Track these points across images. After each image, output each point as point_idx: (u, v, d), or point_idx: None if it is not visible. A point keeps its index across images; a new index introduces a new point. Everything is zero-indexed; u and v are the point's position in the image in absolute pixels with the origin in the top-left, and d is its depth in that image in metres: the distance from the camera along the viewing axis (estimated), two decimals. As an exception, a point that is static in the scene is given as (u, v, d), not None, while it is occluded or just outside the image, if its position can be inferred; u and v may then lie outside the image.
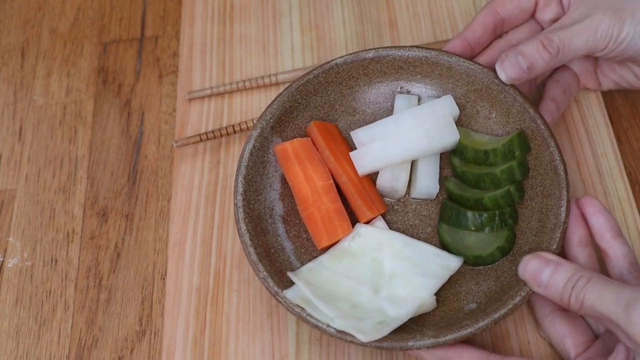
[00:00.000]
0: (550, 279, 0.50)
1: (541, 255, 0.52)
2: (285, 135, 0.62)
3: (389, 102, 0.64)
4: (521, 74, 0.58)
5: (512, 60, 0.57)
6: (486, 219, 0.57)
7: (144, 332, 0.61)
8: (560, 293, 0.50)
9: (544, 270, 0.51)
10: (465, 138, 0.61)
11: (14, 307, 0.63)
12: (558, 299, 0.50)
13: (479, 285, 0.57)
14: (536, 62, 0.57)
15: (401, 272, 0.56)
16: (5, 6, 0.79)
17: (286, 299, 0.54)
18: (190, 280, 0.62)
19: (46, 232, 0.66)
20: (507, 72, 0.58)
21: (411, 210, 0.61)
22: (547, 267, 0.51)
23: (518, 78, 0.58)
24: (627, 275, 0.53)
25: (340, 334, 0.52)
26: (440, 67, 0.62)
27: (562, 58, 0.58)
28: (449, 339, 0.52)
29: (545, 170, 0.58)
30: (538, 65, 0.57)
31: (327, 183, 0.59)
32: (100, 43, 0.76)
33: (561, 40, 0.57)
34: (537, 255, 0.52)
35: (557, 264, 0.51)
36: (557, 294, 0.50)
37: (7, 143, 0.71)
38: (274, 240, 0.58)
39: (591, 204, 0.56)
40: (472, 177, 0.59)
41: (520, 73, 0.57)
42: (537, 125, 0.58)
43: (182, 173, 0.67)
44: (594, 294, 0.48)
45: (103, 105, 0.72)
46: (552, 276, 0.50)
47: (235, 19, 0.75)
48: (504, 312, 0.52)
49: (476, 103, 0.62)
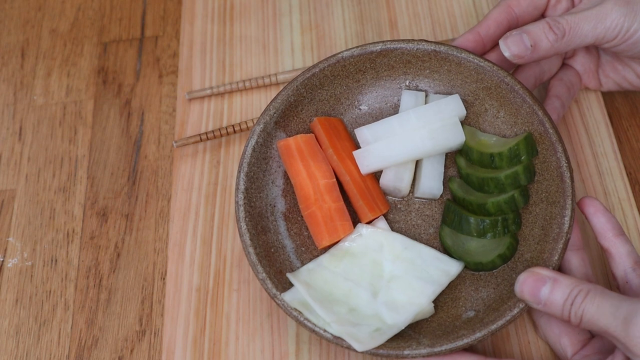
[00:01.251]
0: (549, 296, 0.50)
1: (536, 272, 0.51)
2: (290, 130, 0.61)
3: (396, 96, 0.63)
4: (524, 52, 0.57)
5: (516, 38, 0.57)
6: (489, 225, 0.57)
7: (144, 332, 0.61)
8: (560, 310, 0.49)
9: (541, 289, 0.50)
10: (471, 139, 0.60)
11: (14, 307, 0.63)
12: (559, 315, 0.50)
13: (478, 292, 0.56)
14: (541, 42, 0.57)
15: (400, 275, 0.56)
16: (5, 6, 0.79)
17: (284, 302, 0.53)
18: (190, 281, 0.62)
19: (46, 232, 0.66)
20: (511, 49, 0.57)
21: (414, 209, 0.61)
22: (544, 285, 0.50)
23: (521, 55, 0.57)
24: (631, 274, 0.53)
25: (337, 339, 0.52)
26: (450, 62, 0.61)
27: (567, 42, 0.57)
28: (445, 349, 0.51)
29: (551, 176, 0.57)
30: (542, 45, 0.57)
31: (330, 182, 0.59)
32: (100, 43, 0.76)
33: (568, 23, 0.57)
34: (533, 273, 0.51)
35: (554, 281, 0.50)
36: (558, 311, 0.49)
37: (7, 143, 0.71)
38: (274, 238, 0.58)
39: (591, 205, 0.56)
40: (477, 181, 0.59)
41: (524, 50, 0.57)
42: (546, 128, 0.57)
43: (182, 173, 0.67)
44: (592, 307, 0.48)
45: (103, 105, 0.72)
46: (550, 294, 0.50)
47: (235, 18, 0.75)
48: (502, 323, 0.52)
49: (484, 101, 0.61)
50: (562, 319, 0.50)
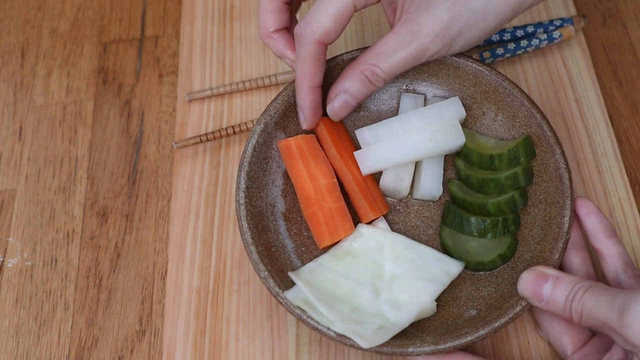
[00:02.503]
0: (552, 294, 0.50)
1: (539, 270, 0.51)
2: (289, 130, 0.61)
3: (394, 99, 0.64)
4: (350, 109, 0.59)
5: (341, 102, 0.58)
6: (489, 225, 0.57)
7: (144, 332, 0.61)
8: (562, 307, 0.49)
9: (544, 286, 0.50)
10: (470, 141, 0.60)
11: (14, 307, 0.63)
12: (561, 312, 0.50)
13: (479, 291, 0.56)
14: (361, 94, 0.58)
15: (401, 275, 0.56)
16: (5, 6, 0.79)
17: (287, 300, 0.53)
18: (190, 282, 0.62)
19: (46, 232, 0.66)
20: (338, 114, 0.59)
21: (413, 211, 0.61)
22: (546, 283, 0.50)
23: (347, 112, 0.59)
24: (622, 275, 0.53)
25: (341, 337, 0.52)
26: (448, 66, 0.61)
27: None
28: (449, 346, 0.52)
29: (550, 177, 0.57)
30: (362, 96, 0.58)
31: (331, 182, 0.59)
32: (100, 43, 0.76)
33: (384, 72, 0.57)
34: (535, 271, 0.51)
35: (556, 278, 0.50)
36: (560, 308, 0.50)
37: (7, 143, 0.71)
38: (275, 238, 0.58)
39: (584, 205, 0.56)
40: (476, 182, 0.59)
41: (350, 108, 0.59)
42: (544, 131, 0.58)
43: (182, 174, 0.67)
44: (591, 301, 0.48)
45: (103, 105, 0.72)
46: (553, 291, 0.50)
47: (235, 19, 0.75)
48: (505, 320, 0.52)
49: (482, 105, 0.61)
50: (564, 317, 0.50)
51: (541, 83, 0.69)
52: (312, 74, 0.56)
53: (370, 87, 0.57)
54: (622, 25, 0.72)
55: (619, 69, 0.70)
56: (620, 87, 0.69)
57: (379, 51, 0.56)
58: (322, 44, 0.55)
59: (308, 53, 0.55)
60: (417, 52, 0.55)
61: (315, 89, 0.57)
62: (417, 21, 0.54)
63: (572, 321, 0.50)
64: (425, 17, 0.54)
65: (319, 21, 0.54)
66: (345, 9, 0.54)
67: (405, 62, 0.56)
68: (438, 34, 0.55)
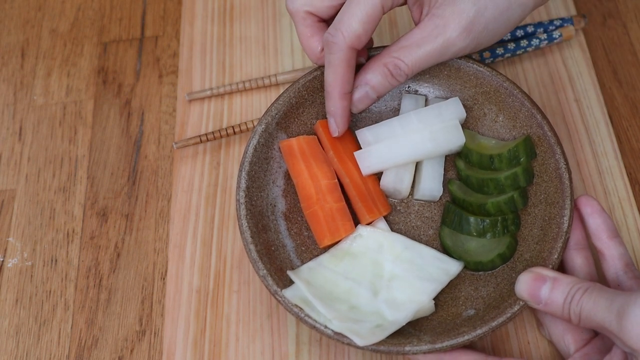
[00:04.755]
0: (550, 296, 0.50)
1: (536, 271, 0.51)
2: (291, 131, 0.61)
3: (396, 100, 0.64)
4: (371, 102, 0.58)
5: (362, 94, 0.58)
6: (488, 225, 0.57)
7: (144, 332, 0.61)
8: (561, 309, 0.49)
9: (541, 288, 0.50)
10: (471, 141, 0.60)
11: (14, 307, 0.63)
12: (559, 314, 0.50)
13: (478, 291, 0.56)
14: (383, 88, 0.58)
15: (401, 274, 0.56)
16: (5, 6, 0.79)
17: (285, 299, 0.54)
18: (190, 282, 0.62)
19: (46, 232, 0.66)
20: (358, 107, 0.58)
21: (414, 211, 0.61)
22: (544, 285, 0.50)
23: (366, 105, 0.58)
24: (622, 276, 0.53)
25: (338, 335, 0.52)
26: (449, 67, 0.62)
27: None
28: (446, 345, 0.52)
29: (550, 177, 0.57)
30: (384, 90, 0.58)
31: (332, 182, 0.59)
32: (100, 43, 0.76)
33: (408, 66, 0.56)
34: (532, 273, 0.51)
35: (554, 280, 0.50)
36: (558, 310, 0.50)
37: (7, 143, 0.71)
38: (274, 237, 0.58)
39: (589, 204, 0.56)
40: (476, 182, 0.59)
41: (371, 102, 0.58)
42: (544, 131, 0.58)
43: (182, 174, 0.67)
44: (589, 303, 0.48)
45: (103, 105, 0.72)
46: (551, 293, 0.50)
47: (235, 19, 0.75)
48: (502, 320, 0.52)
49: (483, 106, 0.62)
50: (562, 318, 0.50)
51: (541, 83, 0.69)
52: (344, 81, 0.56)
53: (392, 81, 0.56)
54: (622, 25, 0.72)
55: (619, 69, 0.70)
56: (620, 87, 0.69)
57: (404, 45, 0.55)
58: (353, 49, 0.55)
59: (340, 59, 0.55)
60: (443, 47, 0.55)
61: (347, 95, 0.57)
62: (443, 16, 0.54)
63: (572, 323, 0.50)
64: (451, 11, 0.54)
65: (349, 26, 0.54)
66: (373, 12, 0.54)
67: (430, 57, 0.55)
68: (465, 29, 0.54)
